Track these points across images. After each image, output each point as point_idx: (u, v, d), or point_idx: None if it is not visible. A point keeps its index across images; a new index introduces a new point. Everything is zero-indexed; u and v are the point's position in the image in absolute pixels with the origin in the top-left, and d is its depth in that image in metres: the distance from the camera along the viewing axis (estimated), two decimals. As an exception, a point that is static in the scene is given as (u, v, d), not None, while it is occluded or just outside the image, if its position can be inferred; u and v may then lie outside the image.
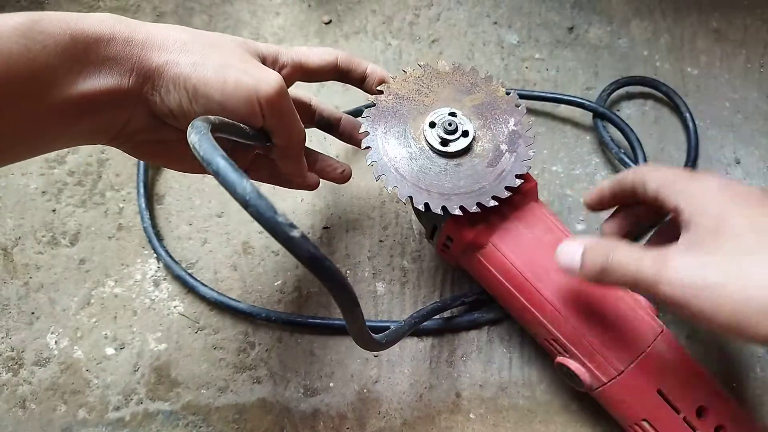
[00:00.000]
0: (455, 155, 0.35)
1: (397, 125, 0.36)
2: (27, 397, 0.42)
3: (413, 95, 0.37)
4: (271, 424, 0.41)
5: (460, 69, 0.38)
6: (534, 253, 0.35)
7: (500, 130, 0.36)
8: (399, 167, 0.35)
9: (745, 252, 0.27)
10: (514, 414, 0.41)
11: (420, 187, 0.34)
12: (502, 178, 0.34)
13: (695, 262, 0.27)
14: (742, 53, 0.55)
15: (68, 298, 0.45)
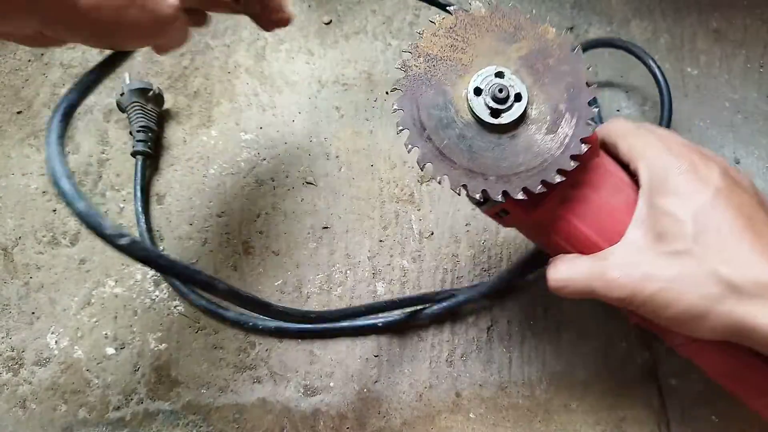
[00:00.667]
0: (509, 127, 0.30)
1: (435, 96, 0.30)
2: (27, 397, 0.42)
3: (447, 53, 0.31)
4: (272, 424, 0.41)
5: (500, 10, 0.32)
6: (606, 220, 0.32)
7: (557, 85, 0.31)
8: (446, 151, 0.30)
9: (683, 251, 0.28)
10: (514, 413, 0.41)
11: (473, 172, 0.29)
12: (565, 146, 0.30)
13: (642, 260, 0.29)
14: (742, 53, 0.55)
15: (69, 298, 0.45)
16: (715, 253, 0.28)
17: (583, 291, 0.31)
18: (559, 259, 0.33)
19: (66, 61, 0.54)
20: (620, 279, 0.29)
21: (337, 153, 0.51)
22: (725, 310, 0.27)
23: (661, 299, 0.28)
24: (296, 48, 0.56)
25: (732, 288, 0.27)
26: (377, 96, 0.53)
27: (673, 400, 0.42)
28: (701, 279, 0.27)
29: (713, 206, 0.29)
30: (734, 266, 0.27)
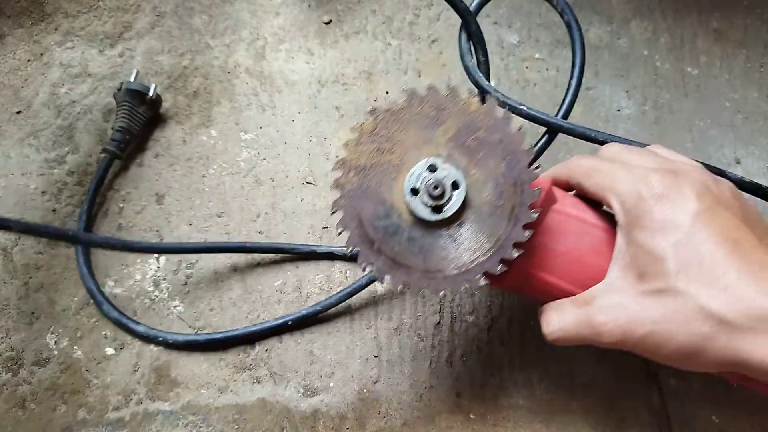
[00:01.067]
0: (455, 217, 0.29)
1: (375, 207, 0.30)
2: (27, 397, 0.41)
3: (376, 158, 0.30)
4: (271, 424, 0.41)
5: (416, 96, 0.30)
6: (576, 268, 0.32)
7: (492, 157, 0.30)
8: (399, 258, 0.29)
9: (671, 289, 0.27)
10: (515, 414, 0.41)
11: (431, 271, 0.29)
12: (515, 217, 0.29)
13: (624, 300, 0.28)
14: (743, 53, 0.55)
15: (68, 298, 0.45)
16: (701, 287, 0.26)
17: (575, 340, 0.30)
18: (547, 308, 0.32)
19: (65, 61, 0.54)
20: (607, 325, 0.28)
21: (337, 153, 0.51)
22: (719, 347, 0.25)
23: (652, 342, 0.27)
24: (296, 48, 0.56)
25: (722, 323, 0.25)
26: (377, 96, 0.53)
27: (674, 401, 0.42)
28: (689, 317, 0.26)
29: (693, 235, 0.27)
30: (722, 299, 0.25)
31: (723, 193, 0.29)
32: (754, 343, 0.24)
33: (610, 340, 0.28)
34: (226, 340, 0.43)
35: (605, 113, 0.52)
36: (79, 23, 0.56)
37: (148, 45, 0.56)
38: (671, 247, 0.27)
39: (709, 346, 0.26)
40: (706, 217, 0.27)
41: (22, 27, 0.56)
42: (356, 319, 0.44)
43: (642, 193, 0.28)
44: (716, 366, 0.27)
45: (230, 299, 0.45)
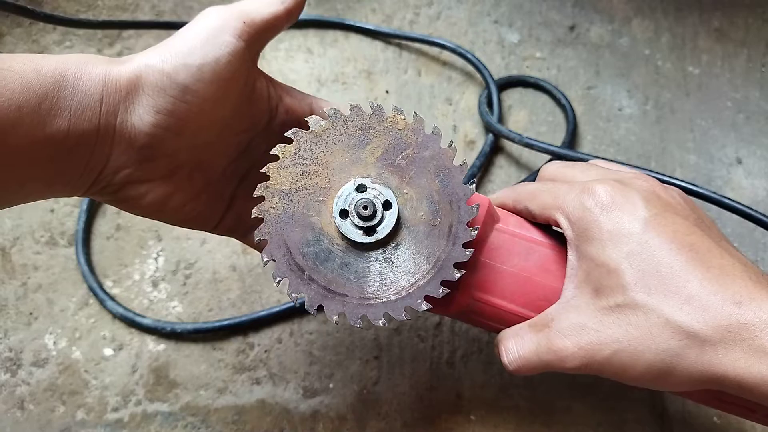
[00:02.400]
0: (389, 239, 0.28)
1: (303, 233, 0.28)
2: (25, 398, 0.41)
3: (301, 181, 0.28)
4: (271, 426, 0.41)
5: (339, 116, 0.28)
6: (525, 288, 0.31)
7: (425, 175, 0.28)
8: (332, 286, 0.27)
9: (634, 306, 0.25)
10: (515, 415, 0.41)
11: (367, 298, 0.27)
12: (454, 236, 0.28)
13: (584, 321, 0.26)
14: (744, 52, 0.55)
15: (66, 298, 0.44)
16: (663, 299, 0.24)
17: (538, 367, 0.28)
18: (504, 336, 0.29)
19: (64, 60, 0.54)
20: (568, 348, 0.26)
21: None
22: (689, 363, 0.24)
23: (618, 363, 0.25)
24: (295, 46, 0.56)
25: (690, 337, 0.23)
26: (377, 95, 0.53)
27: (675, 401, 0.41)
28: (654, 333, 0.24)
29: (646, 243, 0.25)
30: (687, 311, 0.24)
31: (673, 198, 0.28)
32: (726, 356, 0.23)
33: (574, 365, 0.26)
34: (235, 326, 0.43)
35: (606, 113, 0.52)
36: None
37: (147, 44, 0.55)
38: (624, 257, 0.25)
39: (679, 363, 0.24)
40: (657, 223, 0.26)
41: (21, 26, 0.55)
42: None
43: (587, 205, 0.27)
44: (690, 384, 0.24)
45: (229, 299, 0.45)
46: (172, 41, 0.27)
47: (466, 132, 0.52)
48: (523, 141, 0.46)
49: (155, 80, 0.26)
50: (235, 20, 0.27)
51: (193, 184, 0.30)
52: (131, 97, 0.26)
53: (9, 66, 0.23)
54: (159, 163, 0.28)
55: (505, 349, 0.29)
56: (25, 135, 0.23)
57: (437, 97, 0.53)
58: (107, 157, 0.26)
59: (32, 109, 0.23)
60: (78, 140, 0.25)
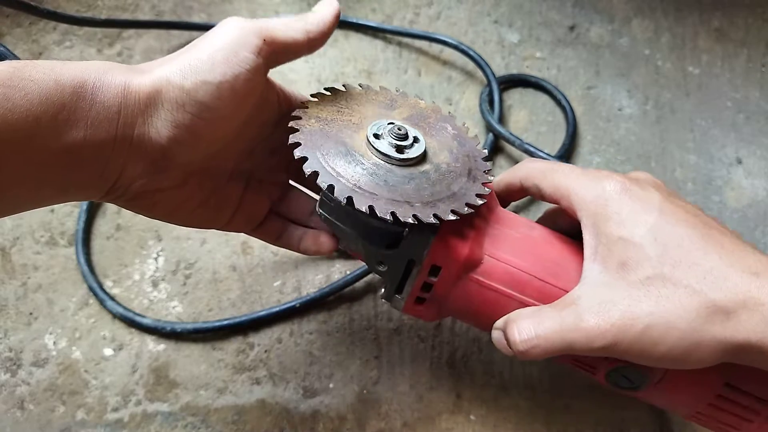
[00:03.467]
0: (416, 162, 0.30)
1: (335, 146, 0.29)
2: (25, 398, 0.41)
3: (336, 116, 0.31)
4: (271, 426, 0.41)
5: (371, 89, 0.34)
6: (535, 250, 0.31)
7: (443, 136, 0.32)
8: (362, 185, 0.28)
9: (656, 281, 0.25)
10: (515, 415, 0.41)
11: (397, 201, 0.27)
12: (473, 177, 0.30)
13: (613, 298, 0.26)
14: (744, 52, 0.55)
15: (67, 298, 0.44)
16: (687, 270, 0.25)
17: (558, 348, 0.26)
18: (518, 317, 0.28)
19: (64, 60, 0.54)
20: (598, 327, 0.25)
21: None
22: (716, 332, 0.24)
23: (648, 338, 0.25)
24: (296, 47, 0.56)
25: (716, 307, 0.24)
26: (377, 95, 0.53)
27: (675, 402, 0.41)
28: (684, 304, 0.24)
29: (665, 221, 0.26)
30: (711, 281, 0.24)
31: (674, 192, 0.30)
32: (748, 323, 0.24)
33: (602, 343, 0.25)
34: (235, 326, 0.43)
35: (606, 113, 0.52)
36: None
37: (147, 44, 0.55)
38: (647, 232, 0.26)
39: (707, 332, 0.24)
40: (671, 204, 0.27)
41: (21, 26, 0.55)
42: (356, 319, 0.44)
43: (606, 188, 0.28)
44: (714, 356, 0.25)
45: (229, 299, 0.45)
46: (193, 54, 0.26)
47: (466, 132, 0.52)
48: (523, 146, 0.46)
49: (175, 96, 0.25)
50: (256, 36, 0.27)
51: (203, 190, 0.30)
52: (150, 111, 0.25)
53: (29, 75, 0.22)
54: (172, 173, 0.28)
55: (518, 328, 0.27)
56: (42, 145, 0.23)
57: (437, 97, 0.53)
58: (122, 167, 0.26)
59: (50, 119, 0.23)
60: (94, 150, 0.24)
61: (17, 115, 0.22)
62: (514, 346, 0.27)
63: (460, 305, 0.32)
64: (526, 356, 0.27)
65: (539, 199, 0.32)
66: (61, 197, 0.26)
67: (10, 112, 0.21)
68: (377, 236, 0.30)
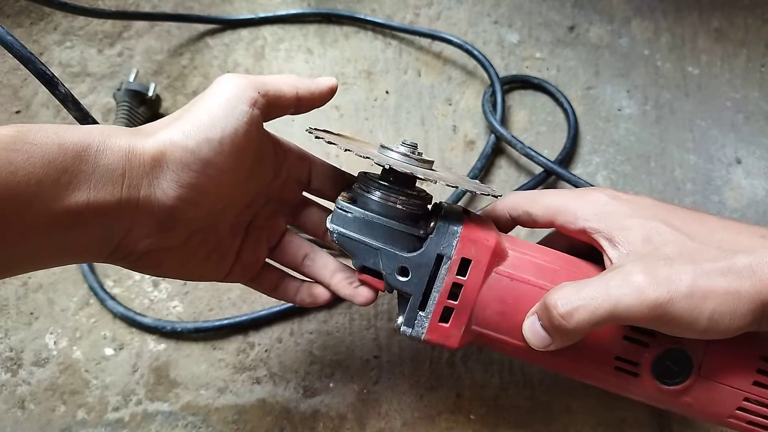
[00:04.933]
0: (429, 164, 0.31)
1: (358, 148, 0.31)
2: (26, 398, 0.41)
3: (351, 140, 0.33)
4: (271, 425, 0.41)
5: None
6: (552, 251, 0.31)
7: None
8: (394, 164, 0.29)
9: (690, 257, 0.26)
10: (515, 415, 0.41)
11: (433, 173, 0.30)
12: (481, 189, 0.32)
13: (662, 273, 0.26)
14: (743, 53, 0.55)
15: (67, 298, 0.44)
16: (701, 244, 0.26)
17: (604, 311, 0.25)
18: (557, 290, 0.27)
19: (64, 60, 0.54)
20: (648, 282, 0.25)
21: (337, 153, 0.50)
22: (748, 288, 0.25)
23: (699, 294, 0.25)
24: (295, 47, 0.56)
25: (742, 268, 0.25)
26: (377, 95, 0.53)
27: (674, 401, 0.41)
28: (713, 268, 0.25)
29: (665, 211, 0.28)
30: (725, 248, 0.26)
31: None
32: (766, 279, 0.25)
33: (655, 297, 0.25)
34: (235, 325, 0.43)
35: (606, 113, 0.52)
36: (78, 23, 0.56)
37: (147, 44, 0.55)
38: (653, 217, 0.28)
39: (742, 289, 0.24)
40: (660, 202, 0.29)
41: (22, 26, 0.55)
42: (356, 319, 0.44)
43: (599, 196, 0.29)
44: (752, 311, 0.25)
45: (229, 299, 0.45)
46: (193, 113, 0.27)
47: (466, 132, 0.52)
48: (524, 150, 0.46)
49: (179, 156, 0.26)
50: (251, 90, 0.28)
51: (206, 245, 0.31)
52: (155, 172, 0.26)
53: (33, 139, 0.22)
54: (178, 231, 0.28)
55: (559, 296, 0.26)
56: (43, 207, 0.23)
57: (437, 97, 0.53)
58: (128, 229, 0.26)
59: (52, 182, 0.23)
60: (97, 212, 0.24)
61: (19, 178, 0.22)
62: (554, 312, 0.26)
63: (492, 309, 0.30)
64: (569, 324, 0.26)
65: (530, 226, 0.32)
66: (62, 259, 0.26)
67: (12, 174, 0.21)
68: (400, 241, 0.30)
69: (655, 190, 0.49)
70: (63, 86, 0.28)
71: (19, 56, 0.27)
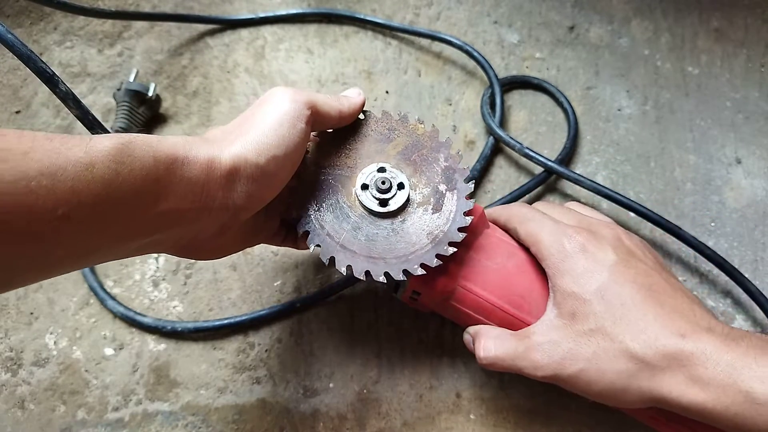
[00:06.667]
0: (398, 212, 0.33)
1: (328, 198, 0.33)
2: (26, 398, 0.41)
3: (334, 160, 0.35)
4: (271, 425, 0.41)
5: (372, 116, 0.36)
6: (505, 283, 0.35)
7: (433, 171, 0.35)
8: (345, 243, 0.32)
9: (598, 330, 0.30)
10: (515, 414, 0.41)
11: (374, 257, 0.32)
12: (452, 221, 0.33)
13: (558, 339, 0.31)
14: (743, 53, 0.55)
15: (67, 298, 0.45)
16: (625, 327, 0.29)
17: (510, 369, 0.32)
18: (485, 335, 0.34)
19: (64, 60, 0.54)
20: (542, 360, 0.31)
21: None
22: (641, 384, 0.28)
23: (584, 379, 0.30)
24: (296, 47, 0.56)
25: (644, 363, 0.28)
26: (377, 95, 0.53)
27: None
28: (617, 356, 0.29)
29: (613, 282, 0.30)
30: (641, 341, 0.28)
31: (635, 245, 0.34)
32: (671, 380, 0.27)
33: (544, 374, 0.31)
34: (235, 325, 0.43)
35: (606, 113, 0.52)
36: (78, 23, 0.56)
37: (148, 44, 0.55)
38: (595, 291, 0.30)
39: (633, 383, 0.28)
40: (622, 266, 0.31)
41: (22, 26, 0.55)
42: (356, 319, 0.44)
43: (565, 245, 0.32)
44: (641, 402, 0.29)
45: (229, 299, 0.45)
46: (260, 129, 0.29)
47: (465, 132, 0.52)
48: (523, 151, 0.46)
49: (251, 172, 0.28)
50: (306, 108, 0.31)
51: (246, 232, 0.34)
52: (229, 185, 0.28)
53: (133, 152, 0.24)
54: (234, 229, 0.31)
55: (484, 345, 0.33)
56: (139, 215, 0.25)
57: (437, 97, 0.53)
58: (200, 229, 0.29)
59: (148, 192, 0.25)
60: (179, 217, 0.27)
61: (125, 189, 0.24)
62: (477, 358, 0.33)
63: (440, 312, 0.38)
64: (486, 368, 0.34)
65: (518, 241, 0.36)
66: (140, 252, 0.28)
67: (119, 186, 0.23)
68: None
69: (655, 190, 0.49)
70: (63, 84, 0.29)
71: (19, 54, 0.27)
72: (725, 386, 0.26)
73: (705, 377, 0.26)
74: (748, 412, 0.25)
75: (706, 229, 0.47)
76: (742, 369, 0.26)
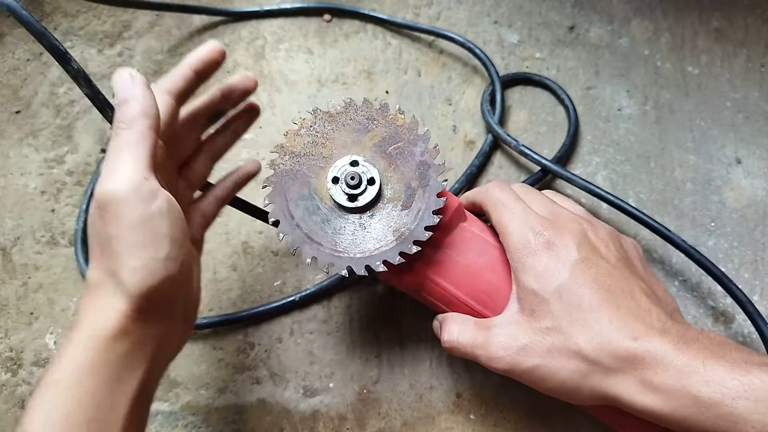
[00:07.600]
0: (367, 207, 0.33)
1: (300, 188, 0.33)
2: (26, 398, 0.41)
3: (310, 149, 0.34)
4: (271, 425, 0.41)
5: (353, 105, 0.35)
6: (472, 280, 0.35)
7: (408, 165, 0.34)
8: (313, 235, 0.32)
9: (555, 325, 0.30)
10: (515, 414, 0.41)
11: (338, 252, 0.32)
12: (420, 219, 0.33)
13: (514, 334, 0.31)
14: (743, 53, 0.55)
15: (67, 298, 0.45)
16: (580, 328, 0.29)
17: (469, 357, 0.33)
18: (451, 320, 0.34)
19: (65, 60, 0.54)
20: (499, 353, 0.31)
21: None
22: (593, 384, 0.29)
23: (537, 374, 0.30)
24: (296, 47, 0.56)
25: (597, 364, 0.28)
26: (377, 95, 0.53)
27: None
28: (569, 356, 0.29)
29: (572, 281, 0.30)
30: (595, 343, 0.29)
31: (601, 240, 0.33)
32: (623, 382, 0.28)
33: (498, 367, 0.31)
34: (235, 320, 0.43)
35: (606, 113, 0.52)
36: (78, 23, 0.56)
37: (148, 44, 0.56)
38: (554, 290, 0.30)
39: (585, 383, 0.29)
40: (583, 265, 0.31)
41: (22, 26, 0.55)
42: (356, 319, 0.44)
43: (531, 240, 0.32)
44: (594, 400, 0.30)
45: (229, 299, 0.45)
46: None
47: (465, 132, 0.52)
48: (519, 148, 0.46)
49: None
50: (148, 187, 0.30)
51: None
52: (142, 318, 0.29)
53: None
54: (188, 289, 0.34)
55: (448, 330, 0.34)
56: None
57: (437, 97, 0.53)
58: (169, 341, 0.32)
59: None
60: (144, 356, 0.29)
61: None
62: (441, 341, 0.34)
63: (416, 298, 0.38)
64: (448, 352, 0.34)
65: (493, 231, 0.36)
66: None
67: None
68: None
69: (655, 190, 0.49)
70: (75, 62, 0.29)
71: (33, 31, 0.28)
72: (674, 391, 0.26)
73: (655, 381, 0.27)
74: (696, 416, 0.25)
75: (706, 229, 0.47)
76: (690, 374, 0.26)
